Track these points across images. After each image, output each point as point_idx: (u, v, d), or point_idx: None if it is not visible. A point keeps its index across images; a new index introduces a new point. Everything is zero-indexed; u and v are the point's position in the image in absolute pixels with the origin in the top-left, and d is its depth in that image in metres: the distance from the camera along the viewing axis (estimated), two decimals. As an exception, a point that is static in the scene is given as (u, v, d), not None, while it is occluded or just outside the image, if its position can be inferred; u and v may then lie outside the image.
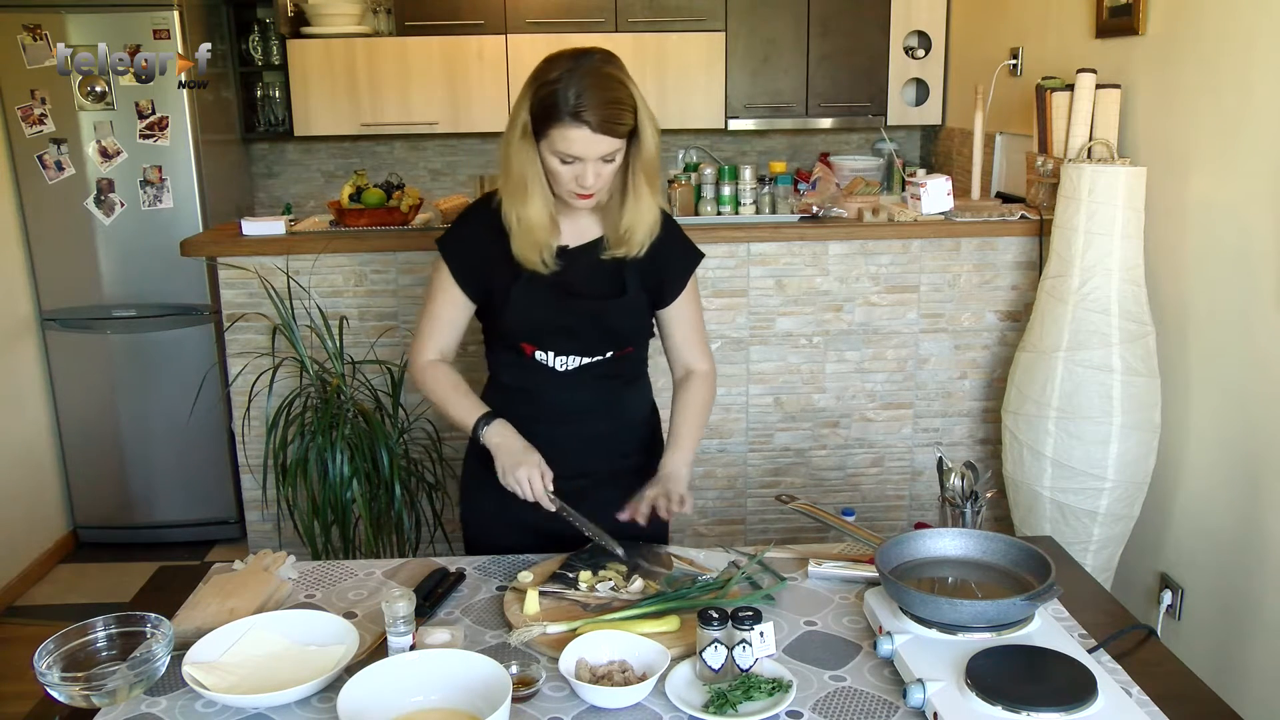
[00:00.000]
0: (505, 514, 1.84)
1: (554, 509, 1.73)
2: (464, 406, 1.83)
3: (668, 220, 1.84)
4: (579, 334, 1.81)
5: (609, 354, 1.84)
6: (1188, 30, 2.50)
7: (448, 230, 1.87)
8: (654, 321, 1.92)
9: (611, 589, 1.62)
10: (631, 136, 1.69)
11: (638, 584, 1.63)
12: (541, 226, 1.73)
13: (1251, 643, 2.33)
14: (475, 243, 1.82)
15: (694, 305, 1.92)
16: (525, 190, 1.70)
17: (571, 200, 1.72)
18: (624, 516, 1.76)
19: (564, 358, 1.83)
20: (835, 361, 3.11)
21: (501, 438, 1.77)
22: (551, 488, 1.73)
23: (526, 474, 1.71)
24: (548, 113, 1.63)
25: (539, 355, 1.83)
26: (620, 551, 1.70)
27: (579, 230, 1.81)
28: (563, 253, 1.79)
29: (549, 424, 1.84)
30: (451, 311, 1.87)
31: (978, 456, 3.16)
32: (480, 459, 1.84)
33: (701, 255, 1.92)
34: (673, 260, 1.86)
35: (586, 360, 1.83)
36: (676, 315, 1.90)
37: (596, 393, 1.86)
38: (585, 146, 1.63)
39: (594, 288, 1.80)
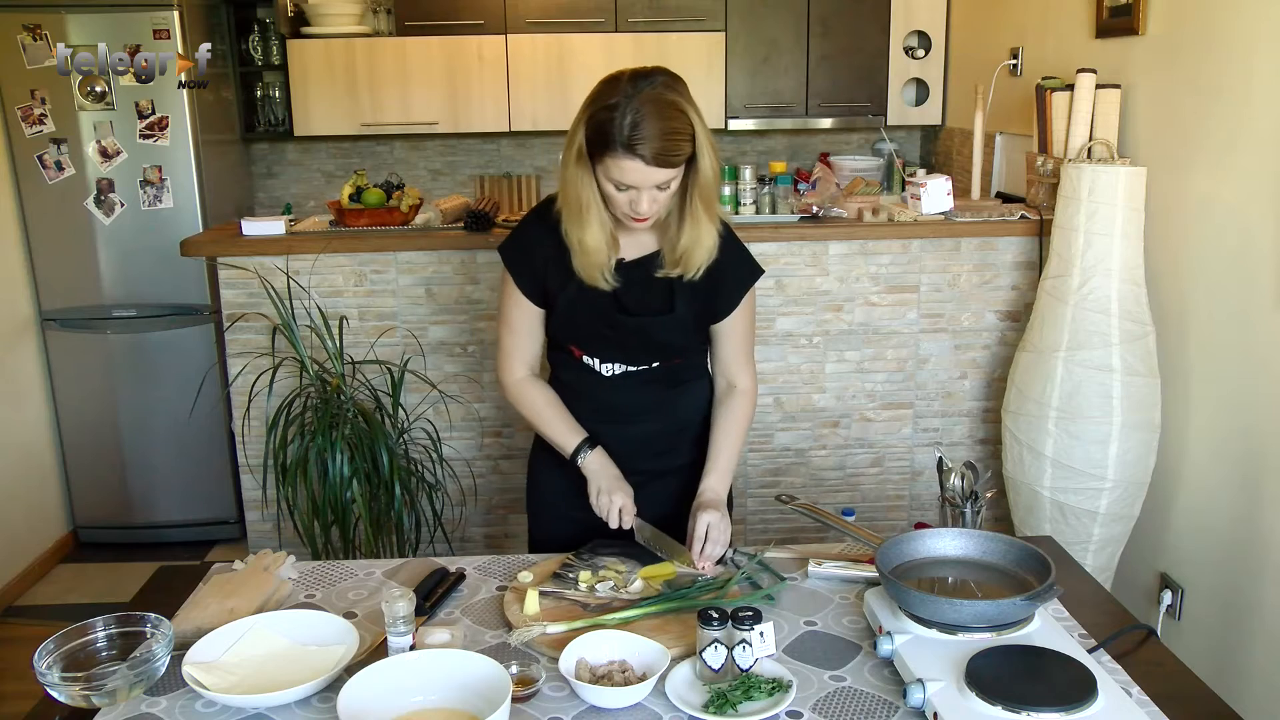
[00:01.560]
0: (573, 508, 1.87)
1: (629, 526, 1.80)
2: (561, 428, 1.86)
3: (728, 237, 1.80)
4: (624, 346, 1.82)
5: (655, 364, 1.84)
6: (1188, 30, 2.50)
7: (507, 239, 1.87)
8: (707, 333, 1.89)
9: (611, 589, 1.62)
10: (690, 161, 1.65)
11: (637, 584, 1.63)
12: (600, 250, 1.71)
13: (1251, 643, 2.33)
14: (533, 249, 1.81)
15: (747, 320, 1.87)
16: (582, 214, 1.68)
17: (627, 222, 1.70)
18: (705, 572, 1.71)
19: (609, 364, 1.84)
20: (835, 361, 3.11)
21: (600, 465, 1.82)
22: (631, 520, 1.79)
23: (620, 503, 1.78)
24: (602, 140, 1.59)
25: (585, 359, 1.86)
26: (698, 568, 1.71)
27: (638, 243, 1.79)
28: (619, 266, 1.77)
29: (598, 423, 1.87)
30: (526, 320, 1.87)
31: (978, 456, 3.16)
32: (549, 451, 1.91)
33: (760, 272, 1.87)
34: (728, 277, 1.80)
35: (632, 368, 1.84)
36: (728, 330, 1.86)
37: (645, 396, 1.86)
38: (639, 177, 1.60)
39: (644, 303, 1.78)
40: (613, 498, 1.78)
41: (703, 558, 1.70)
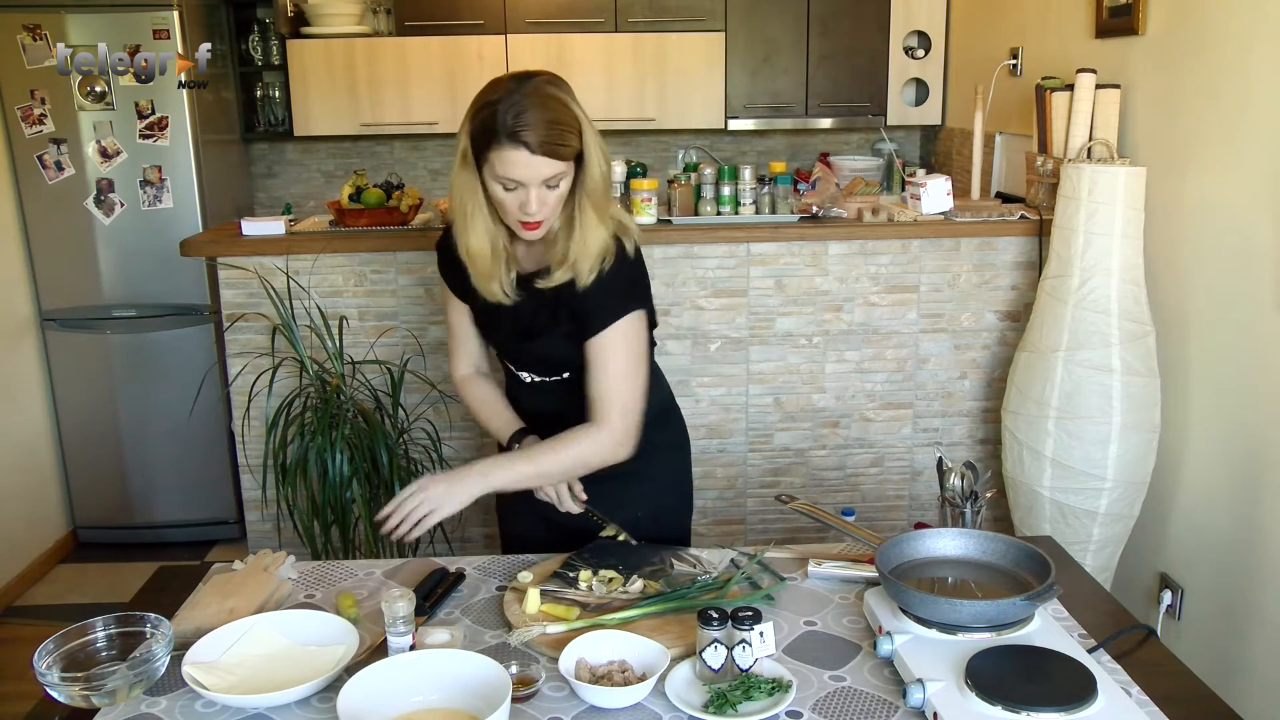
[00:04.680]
0: (537, 508, 1.87)
1: (579, 510, 1.81)
2: (497, 422, 1.89)
3: (623, 259, 1.70)
4: (524, 359, 1.84)
5: (565, 375, 1.81)
6: (1188, 30, 2.50)
7: (438, 241, 1.89)
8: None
9: (609, 588, 1.62)
10: (578, 163, 1.62)
11: (637, 584, 1.63)
12: (485, 257, 1.69)
13: (1251, 643, 2.33)
14: (453, 252, 1.79)
15: (620, 358, 1.70)
16: (467, 219, 1.66)
17: (518, 230, 1.66)
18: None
19: (525, 372, 1.86)
20: (835, 361, 3.11)
21: None
22: (583, 494, 1.80)
23: (554, 485, 1.79)
24: (486, 136, 1.56)
25: (509, 365, 1.89)
26: (634, 543, 1.74)
27: (536, 257, 1.77)
28: (520, 280, 1.76)
29: (532, 428, 1.88)
30: (459, 320, 1.90)
31: (978, 456, 3.16)
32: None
33: (636, 308, 1.72)
34: (600, 298, 1.69)
35: (545, 378, 1.84)
36: (597, 359, 1.70)
37: (567, 402, 1.82)
38: (526, 170, 1.56)
39: (536, 319, 1.76)
40: (558, 484, 1.80)
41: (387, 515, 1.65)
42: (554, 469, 1.74)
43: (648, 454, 1.80)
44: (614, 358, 1.71)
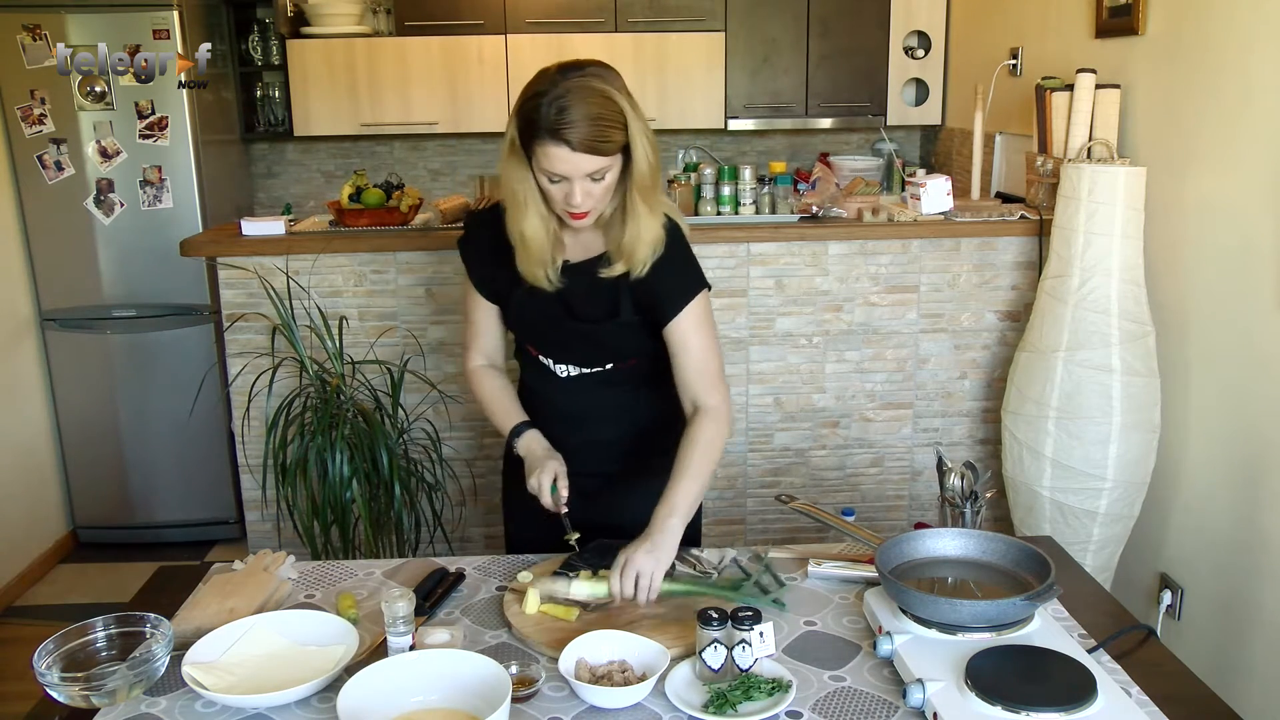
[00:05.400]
0: (546, 510, 1.83)
1: (555, 510, 1.75)
2: (501, 415, 1.87)
3: (676, 241, 1.75)
4: (574, 349, 1.82)
5: (609, 365, 1.83)
6: (1188, 30, 2.50)
7: (463, 234, 1.88)
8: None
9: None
10: (626, 154, 1.63)
11: (569, 582, 1.62)
12: (540, 244, 1.70)
13: (1251, 643, 2.33)
14: (483, 246, 1.82)
15: (703, 336, 1.76)
16: (521, 207, 1.67)
17: (566, 219, 1.68)
18: (615, 598, 1.59)
19: (563, 365, 1.84)
20: (835, 361, 3.11)
21: (527, 446, 1.82)
22: (566, 493, 1.75)
23: (538, 478, 1.75)
24: (530, 129, 1.57)
25: (542, 359, 1.86)
26: (569, 584, 1.60)
27: (583, 245, 1.78)
28: (566, 268, 1.76)
29: (555, 424, 1.86)
30: (481, 314, 1.88)
31: (977, 456, 3.16)
32: (515, 459, 1.88)
33: (704, 285, 1.78)
34: (670, 281, 1.74)
35: (586, 370, 1.83)
36: (680, 342, 1.75)
37: (600, 398, 1.85)
38: (568, 165, 1.57)
39: (590, 307, 1.76)
40: (541, 476, 1.74)
41: (621, 603, 1.59)
42: (708, 471, 1.73)
43: (668, 452, 1.80)
44: (694, 336, 1.76)
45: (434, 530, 2.95)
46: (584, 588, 1.59)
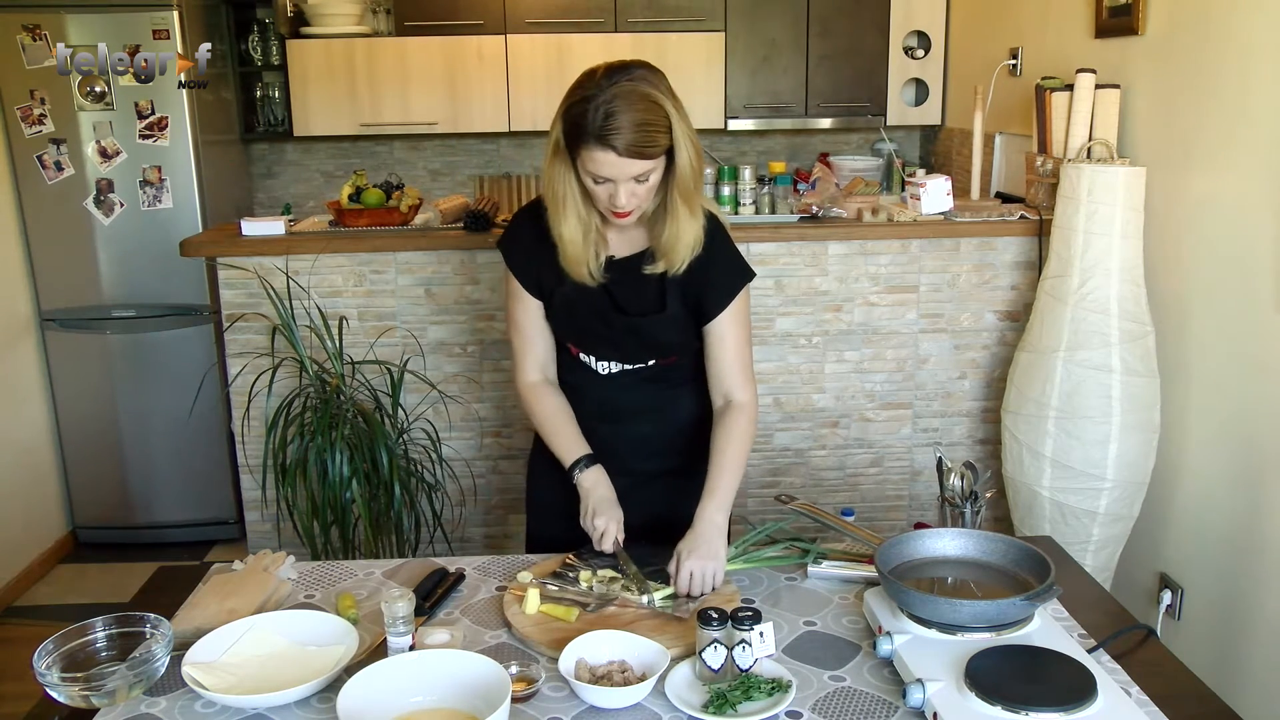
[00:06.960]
0: (569, 511, 1.83)
1: (611, 551, 1.74)
2: (564, 441, 1.84)
3: (717, 236, 1.77)
4: (619, 344, 1.82)
5: (651, 362, 1.84)
6: (1188, 30, 2.50)
7: (505, 233, 1.88)
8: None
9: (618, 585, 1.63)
10: (670, 154, 1.64)
11: (644, 599, 1.62)
12: (577, 246, 1.71)
13: (1251, 643, 2.33)
14: (526, 243, 1.81)
15: (740, 329, 1.81)
16: (562, 208, 1.68)
17: (610, 217, 1.70)
18: (682, 614, 1.59)
19: (605, 362, 1.84)
20: (835, 361, 3.11)
21: (594, 485, 1.79)
22: (621, 540, 1.75)
23: (604, 525, 1.73)
24: (577, 133, 1.59)
25: (582, 357, 1.86)
26: (645, 600, 1.62)
27: (628, 241, 1.78)
28: (610, 264, 1.77)
29: (594, 421, 1.86)
30: (530, 316, 1.86)
31: (977, 456, 3.16)
32: (548, 457, 1.87)
33: (750, 275, 1.82)
34: (715, 276, 1.77)
35: (628, 366, 1.84)
36: (718, 335, 1.80)
37: (640, 396, 1.86)
38: (613, 169, 1.59)
39: (636, 301, 1.77)
40: (599, 522, 1.74)
41: (686, 604, 1.61)
42: (744, 464, 1.79)
43: (704, 451, 1.82)
44: (733, 330, 1.80)
45: (434, 530, 2.95)
46: (657, 599, 1.61)
